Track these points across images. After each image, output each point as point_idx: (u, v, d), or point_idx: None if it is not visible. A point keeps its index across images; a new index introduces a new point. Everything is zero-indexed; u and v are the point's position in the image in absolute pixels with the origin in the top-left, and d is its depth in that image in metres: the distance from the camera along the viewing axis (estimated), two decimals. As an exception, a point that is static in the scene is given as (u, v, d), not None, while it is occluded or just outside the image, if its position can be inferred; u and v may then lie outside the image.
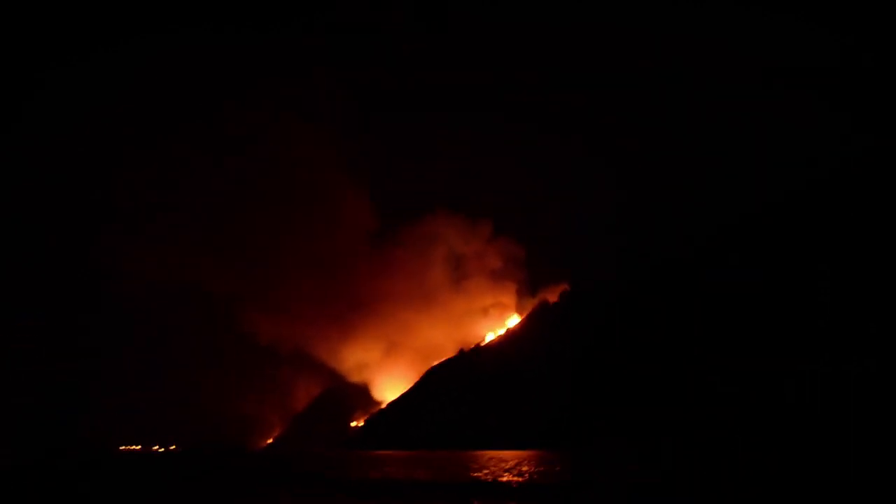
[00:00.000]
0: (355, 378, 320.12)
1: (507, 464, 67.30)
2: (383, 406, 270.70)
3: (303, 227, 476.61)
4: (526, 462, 70.99)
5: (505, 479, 44.25)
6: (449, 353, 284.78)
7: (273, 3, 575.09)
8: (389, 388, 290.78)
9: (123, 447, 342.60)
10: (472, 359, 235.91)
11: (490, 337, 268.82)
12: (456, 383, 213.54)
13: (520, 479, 43.37)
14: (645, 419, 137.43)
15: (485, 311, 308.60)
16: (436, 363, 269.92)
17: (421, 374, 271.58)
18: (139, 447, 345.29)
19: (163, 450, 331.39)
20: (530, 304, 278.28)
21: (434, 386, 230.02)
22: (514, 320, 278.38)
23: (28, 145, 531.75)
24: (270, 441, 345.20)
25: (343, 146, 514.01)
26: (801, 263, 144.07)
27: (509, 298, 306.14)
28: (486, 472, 52.93)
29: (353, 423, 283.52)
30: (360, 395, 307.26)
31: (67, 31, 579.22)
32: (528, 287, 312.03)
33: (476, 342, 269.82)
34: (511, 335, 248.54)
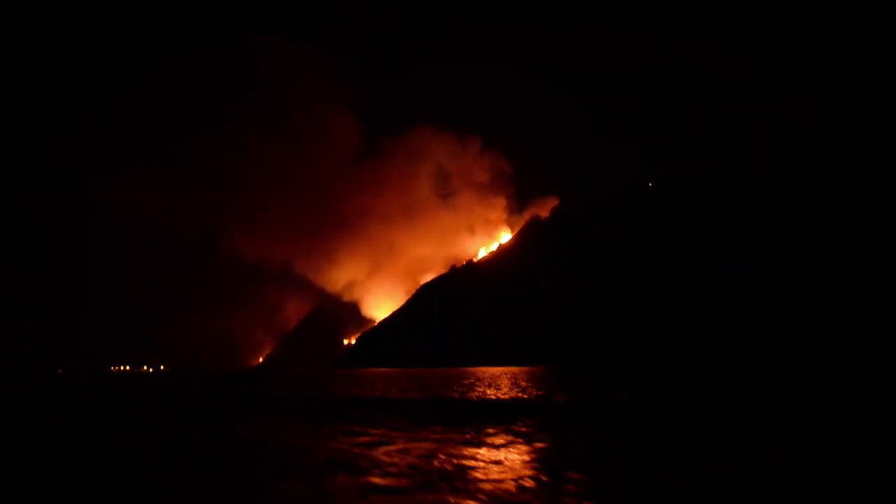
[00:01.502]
0: (344, 296, 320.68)
1: (502, 380, 66.33)
2: (375, 324, 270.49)
3: (288, 146, 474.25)
4: (522, 377, 70.24)
5: (500, 396, 42.78)
6: (438, 269, 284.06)
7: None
8: (379, 305, 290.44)
9: (114, 367, 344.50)
10: (465, 275, 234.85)
11: (482, 253, 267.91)
12: (448, 300, 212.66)
13: (513, 396, 41.93)
14: (641, 345, 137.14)
15: (471, 229, 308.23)
16: (426, 280, 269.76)
17: (410, 291, 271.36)
18: (129, 367, 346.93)
19: (151, 370, 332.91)
20: (520, 220, 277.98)
21: (426, 303, 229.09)
22: (505, 236, 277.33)
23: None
24: (261, 360, 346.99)
25: (327, 64, 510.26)
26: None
27: (498, 214, 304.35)
28: (484, 389, 51.53)
29: (345, 342, 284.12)
30: (351, 314, 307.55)
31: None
32: (517, 202, 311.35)
33: (466, 258, 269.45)
34: (503, 251, 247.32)
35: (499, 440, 19.54)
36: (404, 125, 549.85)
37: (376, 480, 14.24)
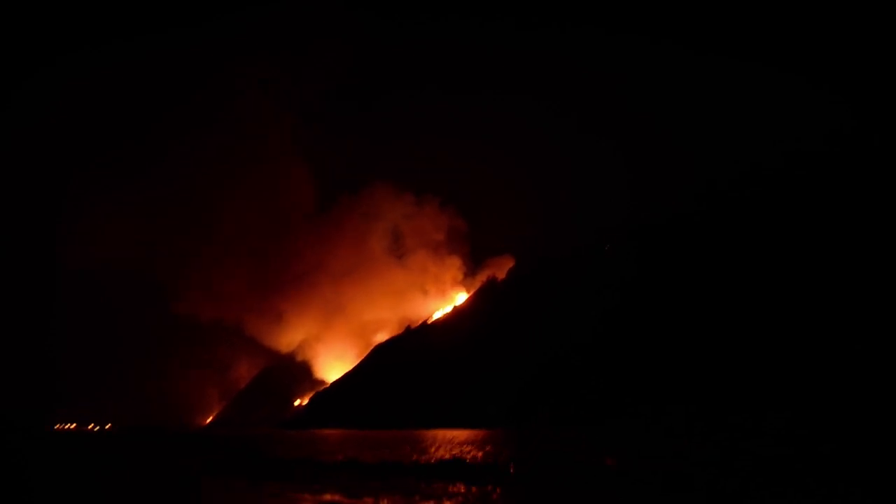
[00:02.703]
0: (296, 356, 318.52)
1: (456, 442, 67.28)
2: (327, 385, 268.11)
3: (241, 202, 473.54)
4: (475, 441, 71.21)
5: (454, 456, 43.88)
6: (391, 330, 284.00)
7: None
8: (331, 366, 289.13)
9: (58, 426, 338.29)
10: (419, 336, 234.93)
11: (437, 314, 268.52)
12: (403, 361, 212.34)
13: (467, 458, 43.04)
14: (597, 402, 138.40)
15: (425, 290, 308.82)
16: (380, 340, 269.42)
17: (362, 352, 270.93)
18: (74, 426, 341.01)
19: (98, 428, 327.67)
20: (476, 280, 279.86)
21: (380, 364, 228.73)
22: (461, 297, 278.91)
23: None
24: (210, 420, 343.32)
25: (284, 119, 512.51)
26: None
27: (453, 274, 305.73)
28: (436, 449, 52.60)
29: (297, 402, 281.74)
30: (302, 374, 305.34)
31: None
32: (472, 261, 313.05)
33: (421, 319, 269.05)
34: (459, 312, 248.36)
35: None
36: (361, 180, 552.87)
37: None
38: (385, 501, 22.23)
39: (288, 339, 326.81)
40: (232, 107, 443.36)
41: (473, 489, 25.91)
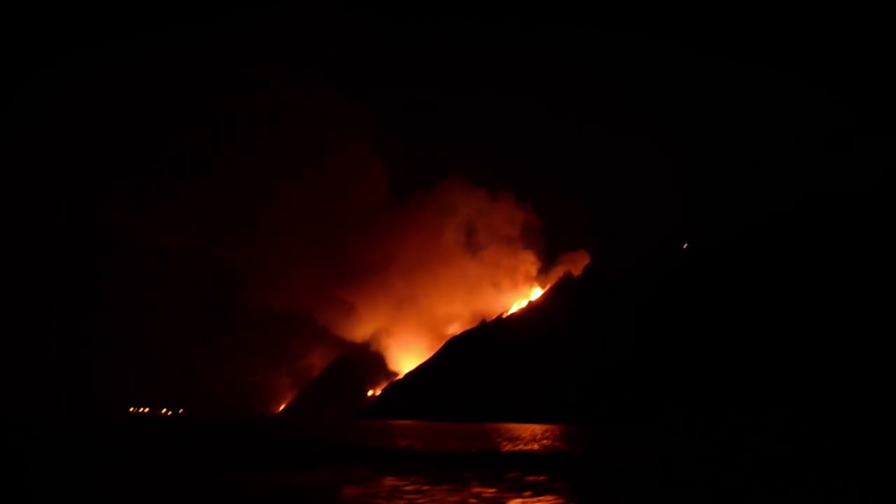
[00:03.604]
0: (369, 347, 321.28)
1: (528, 436, 68.28)
2: (400, 376, 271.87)
3: (314, 194, 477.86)
4: (549, 436, 72.13)
5: (527, 448, 44.98)
6: (462, 323, 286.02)
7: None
8: (404, 357, 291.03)
9: (132, 409, 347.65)
10: (495, 330, 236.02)
11: (512, 309, 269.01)
12: (478, 355, 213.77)
13: (538, 449, 44.12)
14: (668, 402, 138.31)
15: (497, 284, 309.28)
16: (452, 333, 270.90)
17: (434, 344, 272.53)
18: (148, 410, 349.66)
19: (171, 413, 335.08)
20: (550, 276, 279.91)
21: (454, 356, 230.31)
22: (536, 292, 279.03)
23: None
24: (282, 408, 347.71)
25: (361, 112, 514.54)
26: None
27: (527, 269, 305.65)
28: (512, 443, 53.70)
29: (370, 393, 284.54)
30: (375, 365, 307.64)
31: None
32: (545, 256, 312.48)
33: (493, 313, 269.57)
34: (534, 308, 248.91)
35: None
36: (436, 174, 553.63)
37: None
38: (468, 487, 23.52)
39: (360, 330, 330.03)
40: (305, 99, 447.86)
41: (554, 482, 27.03)
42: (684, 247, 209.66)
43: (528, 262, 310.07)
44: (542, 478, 27.47)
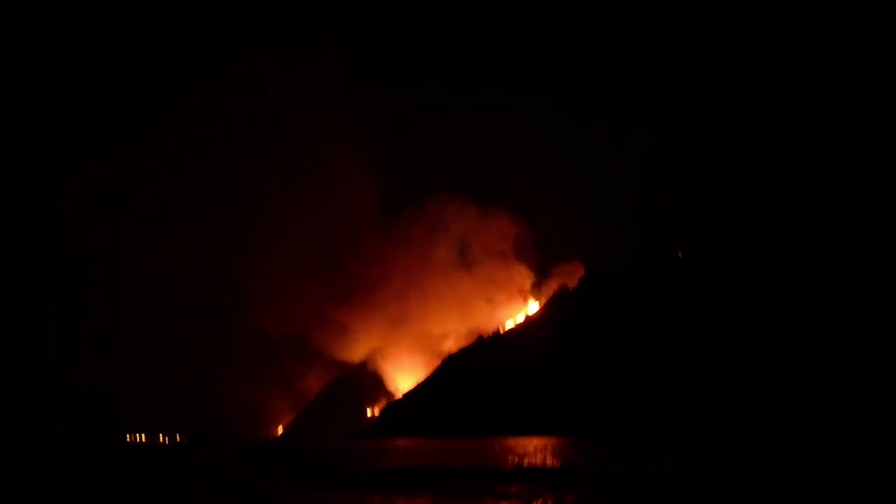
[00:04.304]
0: (366, 367, 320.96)
1: (531, 449, 69.86)
2: (398, 396, 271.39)
3: (310, 210, 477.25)
4: (549, 449, 73.74)
5: (532, 462, 46.65)
6: (458, 340, 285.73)
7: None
8: (400, 376, 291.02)
9: (129, 437, 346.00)
10: (492, 346, 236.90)
11: (509, 324, 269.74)
12: (476, 371, 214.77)
13: (543, 465, 45.82)
14: (670, 414, 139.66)
15: (491, 300, 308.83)
16: (448, 350, 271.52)
17: (430, 362, 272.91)
18: (144, 437, 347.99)
19: (167, 440, 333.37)
20: (545, 289, 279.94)
21: (452, 374, 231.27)
22: (533, 307, 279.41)
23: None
24: (281, 431, 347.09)
25: (348, 127, 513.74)
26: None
27: (521, 283, 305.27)
28: (514, 457, 55.36)
29: (369, 413, 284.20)
30: (373, 384, 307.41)
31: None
32: (539, 269, 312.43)
33: (489, 328, 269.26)
34: (531, 322, 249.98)
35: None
36: (426, 191, 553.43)
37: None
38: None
39: (355, 350, 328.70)
40: (291, 115, 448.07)
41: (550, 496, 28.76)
42: (679, 255, 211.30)
43: (522, 275, 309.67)
44: (549, 492, 29.25)
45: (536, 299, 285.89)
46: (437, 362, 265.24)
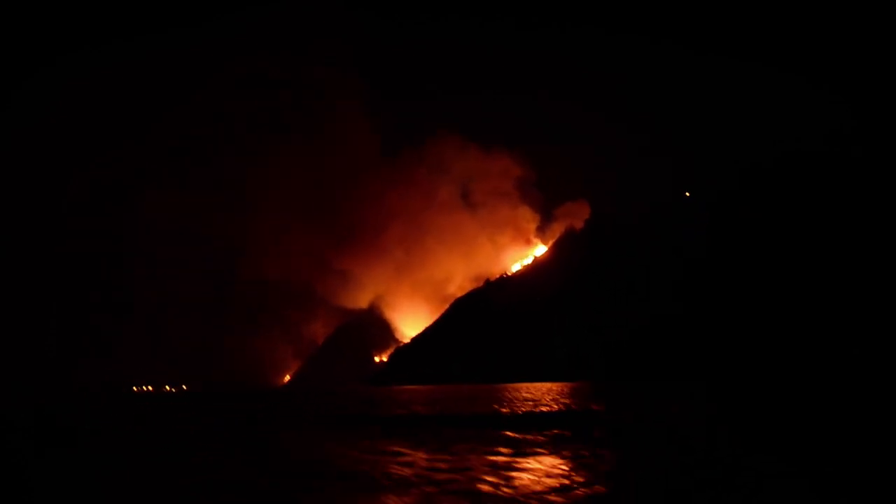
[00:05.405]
0: (373, 312, 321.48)
1: (540, 394, 70.08)
2: (407, 340, 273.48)
3: (309, 157, 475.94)
4: (556, 393, 74.07)
5: (540, 408, 46.65)
6: (463, 283, 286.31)
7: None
8: (409, 321, 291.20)
9: (136, 388, 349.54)
10: (500, 289, 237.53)
11: (515, 266, 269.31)
12: (484, 315, 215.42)
13: (552, 409, 45.84)
14: (677, 358, 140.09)
15: (495, 242, 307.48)
16: (453, 293, 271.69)
17: (437, 305, 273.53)
18: (151, 388, 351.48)
19: (174, 390, 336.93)
20: (550, 230, 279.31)
21: (460, 318, 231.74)
22: (540, 249, 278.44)
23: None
24: (288, 379, 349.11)
25: (349, 70, 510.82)
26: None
27: (527, 225, 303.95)
28: (529, 402, 55.40)
29: (377, 359, 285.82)
30: (380, 330, 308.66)
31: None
32: (543, 210, 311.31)
33: (494, 271, 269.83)
34: (539, 264, 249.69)
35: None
36: (425, 134, 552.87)
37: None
38: (482, 451, 25.18)
39: (360, 297, 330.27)
40: (289, 68, 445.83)
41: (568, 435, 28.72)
42: (686, 195, 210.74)
43: (527, 217, 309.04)
44: (564, 433, 29.28)
45: (542, 241, 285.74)
46: (443, 306, 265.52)
